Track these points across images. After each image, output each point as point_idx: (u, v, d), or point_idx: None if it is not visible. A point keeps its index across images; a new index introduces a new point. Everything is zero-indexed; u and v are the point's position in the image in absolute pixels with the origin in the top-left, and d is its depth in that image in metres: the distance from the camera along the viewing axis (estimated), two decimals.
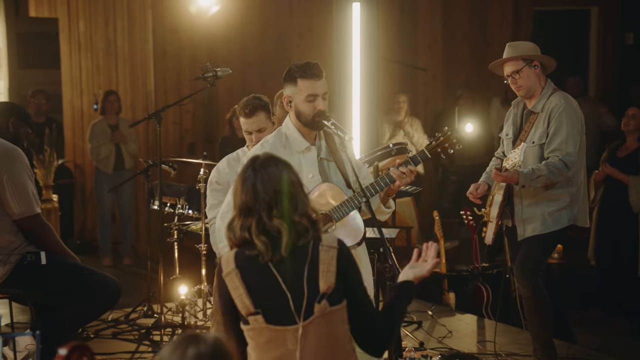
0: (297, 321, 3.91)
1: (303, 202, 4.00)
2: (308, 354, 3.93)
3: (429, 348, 7.28)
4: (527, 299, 6.56)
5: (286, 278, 3.93)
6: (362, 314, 4.00)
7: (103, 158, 10.46)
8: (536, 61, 6.49)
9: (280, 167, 4.03)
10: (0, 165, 5.91)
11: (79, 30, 11.77)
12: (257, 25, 11.01)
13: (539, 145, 6.36)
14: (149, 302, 8.09)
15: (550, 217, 6.42)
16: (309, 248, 3.93)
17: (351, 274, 3.97)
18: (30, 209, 5.98)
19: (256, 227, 3.91)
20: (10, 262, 5.96)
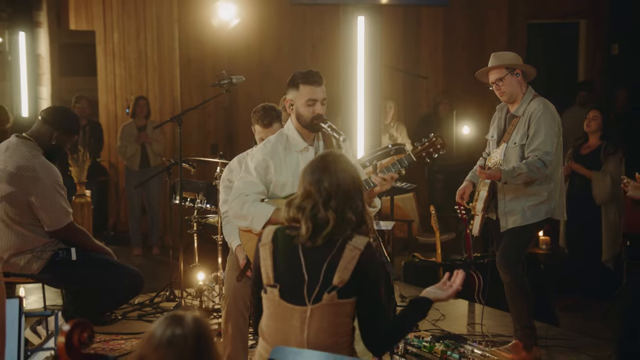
0: (306, 303, 3.97)
1: (359, 205, 4.02)
2: (311, 334, 3.96)
3: (422, 330, 7.30)
4: (508, 284, 6.59)
5: (308, 263, 3.98)
6: (371, 315, 3.99)
7: (130, 156, 10.50)
8: (518, 69, 6.53)
9: (349, 167, 4.09)
10: (29, 186, 5.95)
11: (114, 42, 11.83)
12: (274, 37, 11.03)
13: (520, 146, 6.39)
14: (171, 287, 8.16)
15: (530, 211, 6.45)
16: (337, 243, 3.96)
17: (370, 277, 3.96)
18: (60, 223, 6.05)
19: (310, 212, 3.96)
20: (44, 257, 6.05)
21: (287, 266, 3.99)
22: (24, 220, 6.00)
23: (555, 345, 7.01)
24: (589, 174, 8.67)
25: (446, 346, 6.46)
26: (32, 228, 6.02)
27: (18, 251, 6.01)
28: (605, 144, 8.69)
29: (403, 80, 12.00)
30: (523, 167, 6.29)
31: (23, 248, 6.00)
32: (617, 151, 8.69)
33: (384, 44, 11.30)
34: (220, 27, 10.59)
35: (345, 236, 3.95)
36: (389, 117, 11.08)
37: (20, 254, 6.01)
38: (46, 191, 5.99)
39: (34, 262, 6.01)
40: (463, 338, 6.90)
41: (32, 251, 6.02)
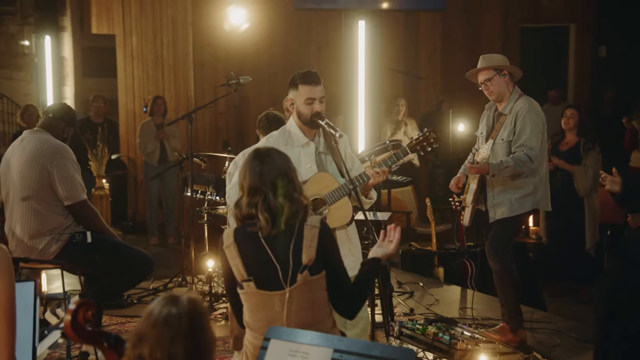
0: (284, 287, 4.01)
1: (299, 186, 4.09)
2: (292, 315, 4.02)
3: (417, 313, 7.35)
4: (496, 271, 6.61)
5: (275, 252, 4.01)
6: (337, 282, 4.07)
7: (149, 152, 10.52)
8: (505, 70, 6.54)
9: (283, 156, 4.12)
10: (50, 160, 6.00)
11: (132, 45, 11.84)
12: (282, 40, 11.07)
13: (507, 142, 6.41)
14: (183, 274, 8.22)
15: (517, 202, 6.47)
16: (296, 227, 4.01)
17: (330, 249, 4.04)
18: (76, 196, 6.08)
19: (262, 204, 3.97)
20: (62, 240, 6.07)
21: (256, 259, 4.01)
22: (45, 198, 6.03)
23: (540, 327, 7.05)
24: (571, 169, 8.71)
25: (438, 328, 6.44)
26: (52, 207, 6.05)
27: (38, 233, 6.03)
28: (584, 141, 8.72)
29: (403, 81, 12.03)
30: (510, 161, 6.32)
31: (43, 230, 6.03)
32: (595, 146, 8.73)
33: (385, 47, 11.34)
34: (231, 31, 10.65)
35: (301, 219, 4.01)
36: (401, 114, 11.12)
37: (40, 236, 6.03)
38: (64, 166, 6.04)
39: (53, 244, 6.04)
40: (454, 321, 6.92)
41: (51, 233, 6.04)
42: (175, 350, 2.59)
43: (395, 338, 6.58)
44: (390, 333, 6.71)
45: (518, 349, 6.42)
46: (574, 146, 8.76)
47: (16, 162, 6.09)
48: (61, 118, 6.24)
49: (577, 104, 9.60)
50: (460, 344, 6.19)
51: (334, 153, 5.27)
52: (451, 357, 6.17)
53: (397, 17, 11.73)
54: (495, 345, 6.35)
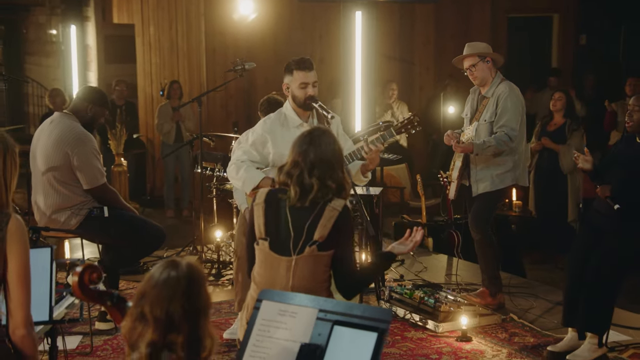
0: (292, 254, 4.09)
1: (338, 174, 4.10)
2: (294, 280, 4.08)
3: (407, 279, 7.41)
4: (477, 241, 6.69)
5: (294, 221, 4.08)
6: (343, 265, 4.10)
7: (166, 132, 10.54)
8: (488, 57, 6.59)
9: (332, 141, 4.15)
10: (72, 147, 6.00)
11: (150, 34, 11.89)
12: (286, 29, 11.06)
13: (490, 123, 6.48)
14: (194, 243, 8.29)
15: (497, 178, 6.54)
16: (319, 205, 4.08)
17: (343, 233, 4.06)
18: (95, 182, 6.10)
19: (297, 178, 4.04)
20: (81, 214, 6.10)
21: (276, 223, 4.10)
22: (66, 180, 6.05)
23: (518, 292, 7.14)
24: (556, 148, 8.73)
25: (424, 293, 6.52)
26: (72, 188, 6.07)
27: (59, 208, 6.07)
28: (569, 122, 8.75)
29: (399, 67, 12.04)
30: (492, 141, 6.39)
31: (63, 205, 6.07)
32: (580, 127, 8.75)
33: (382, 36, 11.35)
34: (240, 20, 10.68)
35: (327, 199, 4.07)
36: (392, 97, 11.14)
37: (61, 210, 6.07)
38: (85, 154, 6.05)
39: (73, 218, 6.08)
40: (439, 286, 7.01)
41: (71, 208, 6.08)
42: (172, 308, 2.63)
43: (385, 301, 6.66)
44: (381, 297, 6.79)
45: (496, 311, 6.54)
46: (560, 127, 8.74)
47: (43, 144, 6.13)
48: (85, 99, 6.25)
49: (565, 88, 9.60)
50: (443, 306, 6.29)
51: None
52: (435, 318, 6.27)
53: (394, 8, 11.72)
54: (476, 308, 6.46)
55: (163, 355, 2.61)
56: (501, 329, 6.27)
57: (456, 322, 6.17)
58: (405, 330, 6.28)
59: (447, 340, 6.06)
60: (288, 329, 3.48)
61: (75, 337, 6.10)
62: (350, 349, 3.41)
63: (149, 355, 2.61)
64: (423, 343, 6.03)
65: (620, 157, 5.70)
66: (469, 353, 5.82)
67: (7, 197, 3.14)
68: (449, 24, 12.24)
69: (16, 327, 3.09)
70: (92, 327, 6.04)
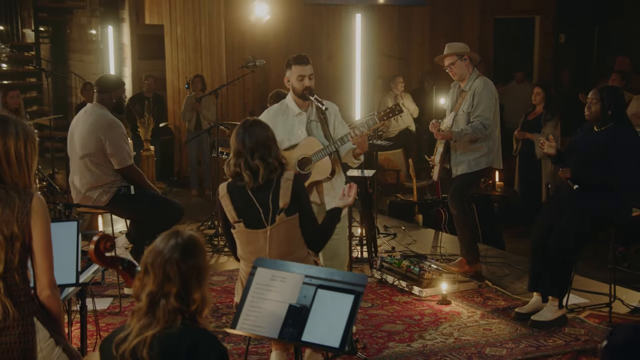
0: (265, 226, 4.21)
1: (275, 151, 4.23)
2: (273, 247, 4.21)
3: (397, 251, 7.50)
4: (455, 216, 6.77)
5: (259, 199, 4.19)
6: (307, 223, 4.26)
7: (188, 121, 10.61)
8: (465, 55, 6.66)
9: (263, 127, 4.27)
10: (104, 133, 6.09)
11: (177, 33, 11.93)
12: (298, 29, 11.07)
13: (467, 113, 6.54)
14: (212, 219, 8.37)
15: (474, 162, 6.61)
16: (274, 180, 4.21)
17: (301, 196, 4.23)
18: (124, 162, 6.18)
19: (244, 164, 4.16)
20: (111, 192, 6.20)
21: (244, 205, 4.21)
22: (99, 162, 6.14)
23: (494, 261, 7.20)
24: (531, 137, 8.81)
25: (410, 262, 6.61)
26: (104, 169, 6.16)
27: (92, 187, 6.17)
28: (545, 112, 8.81)
29: (398, 64, 12.06)
30: (469, 129, 6.47)
31: (96, 184, 6.17)
32: (554, 118, 8.80)
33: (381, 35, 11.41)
34: (256, 21, 10.72)
35: (278, 174, 4.20)
36: (399, 88, 11.14)
37: (94, 189, 6.17)
38: (115, 139, 6.13)
39: (104, 195, 6.18)
40: (425, 257, 7.10)
41: (102, 187, 6.17)
42: (169, 267, 2.73)
43: (376, 270, 6.75)
44: (373, 266, 6.90)
45: (473, 278, 6.61)
46: (538, 116, 8.86)
47: (79, 130, 6.23)
48: (104, 90, 6.26)
49: (544, 83, 9.63)
50: (427, 274, 6.38)
51: (322, 121, 5.33)
52: (420, 284, 6.35)
53: (393, 11, 11.73)
54: (455, 275, 6.55)
55: (160, 304, 2.74)
56: (477, 293, 6.35)
57: (437, 287, 6.25)
58: (394, 295, 6.36)
59: (429, 303, 6.14)
60: (278, 292, 3.58)
61: (107, 299, 6.24)
62: (331, 309, 3.51)
63: (148, 304, 2.75)
64: (408, 306, 6.11)
65: (579, 143, 5.76)
66: (447, 314, 5.91)
67: (30, 178, 3.19)
68: (442, 25, 12.22)
69: (42, 289, 3.17)
70: (120, 291, 6.19)
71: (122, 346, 2.77)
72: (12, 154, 3.13)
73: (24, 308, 3.15)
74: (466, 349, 5.29)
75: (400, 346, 5.34)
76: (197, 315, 2.81)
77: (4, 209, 3.08)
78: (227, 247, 7.63)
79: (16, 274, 3.14)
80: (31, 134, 3.23)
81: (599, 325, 5.61)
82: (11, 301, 3.11)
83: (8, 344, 3.11)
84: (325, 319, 3.47)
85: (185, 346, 2.71)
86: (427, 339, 5.46)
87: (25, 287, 3.18)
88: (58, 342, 3.25)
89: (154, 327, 2.75)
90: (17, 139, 3.15)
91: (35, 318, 3.18)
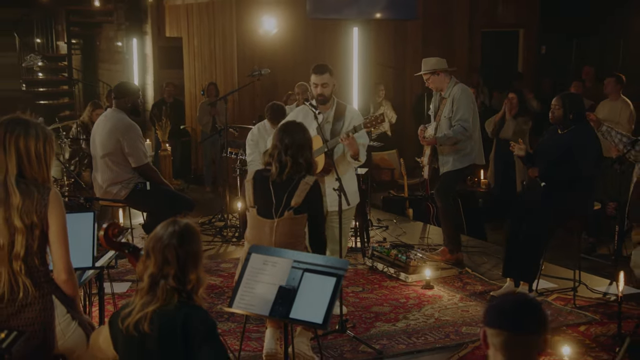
0: (274, 217, 4.32)
1: (307, 154, 4.34)
2: (277, 238, 4.30)
3: (388, 241, 7.53)
4: (440, 208, 6.84)
5: (275, 192, 4.30)
6: (316, 226, 4.35)
7: (204, 124, 10.67)
8: (437, 71, 6.69)
9: (302, 132, 4.40)
10: (122, 135, 6.19)
11: (194, 45, 12.00)
12: (302, 40, 11.08)
13: (448, 118, 6.60)
14: (222, 212, 8.43)
15: (458, 160, 6.66)
16: (296, 179, 4.31)
17: (314, 202, 4.31)
18: (140, 161, 6.26)
19: (276, 157, 4.30)
20: (129, 187, 6.29)
21: (262, 194, 4.32)
22: (118, 161, 6.23)
23: (475, 251, 7.28)
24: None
25: (398, 251, 6.66)
26: (122, 167, 6.25)
27: (112, 182, 6.27)
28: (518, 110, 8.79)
29: (394, 73, 12.11)
30: (450, 133, 6.54)
31: (116, 180, 6.26)
32: (525, 115, 8.76)
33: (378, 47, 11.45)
34: (264, 34, 10.78)
35: (301, 175, 4.29)
36: (381, 96, 11.21)
37: (114, 184, 6.27)
38: (132, 140, 6.22)
39: (123, 190, 6.27)
40: (412, 246, 7.15)
41: (121, 183, 6.27)
42: (168, 251, 2.85)
43: (368, 258, 6.82)
44: (365, 255, 6.99)
45: (454, 266, 6.68)
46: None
47: (100, 133, 6.33)
48: (120, 97, 6.35)
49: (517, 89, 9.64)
50: (413, 262, 6.43)
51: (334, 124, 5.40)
52: (406, 271, 6.42)
53: (389, 25, 11.76)
54: (438, 263, 6.62)
55: (160, 284, 2.85)
56: (457, 279, 6.43)
57: (422, 274, 6.32)
58: (383, 280, 6.44)
59: (414, 288, 6.22)
60: (270, 275, 3.70)
61: (126, 284, 6.33)
62: (315, 290, 3.62)
63: (149, 284, 2.86)
64: (395, 290, 6.20)
65: (545, 145, 5.85)
66: (430, 298, 5.99)
67: (48, 174, 3.29)
68: (434, 37, 12.21)
69: (58, 273, 3.27)
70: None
71: (127, 320, 2.88)
72: (32, 153, 3.23)
73: (43, 287, 3.25)
74: (445, 327, 5.38)
75: (386, 325, 5.42)
76: (193, 293, 2.91)
77: (25, 200, 3.18)
78: (234, 238, 7.76)
79: (36, 258, 3.24)
80: (50, 136, 3.32)
81: (564, 307, 5.68)
82: (31, 281, 3.22)
83: (30, 319, 3.23)
84: (310, 299, 3.59)
85: (181, 320, 2.82)
86: (411, 319, 5.55)
87: (45, 269, 3.29)
88: (74, 318, 3.37)
89: (154, 303, 2.86)
90: (37, 139, 3.25)
91: (54, 296, 3.29)
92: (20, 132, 3.22)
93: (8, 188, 3.17)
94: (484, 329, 2.32)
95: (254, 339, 5.07)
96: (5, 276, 3.18)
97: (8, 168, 3.19)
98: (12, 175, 3.19)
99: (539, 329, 2.28)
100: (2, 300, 3.19)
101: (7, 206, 3.16)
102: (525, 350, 2.26)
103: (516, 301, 2.33)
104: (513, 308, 2.29)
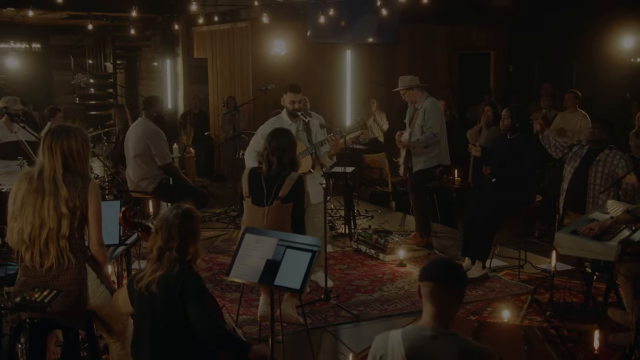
0: (265, 205, 4.52)
1: (291, 155, 4.51)
2: (268, 221, 4.48)
3: (372, 228, 7.65)
4: (413, 200, 6.93)
5: (267, 185, 4.48)
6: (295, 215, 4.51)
7: (226, 131, 10.71)
8: (411, 87, 6.80)
9: (288, 138, 4.56)
10: (150, 139, 6.39)
11: (217, 65, 12.15)
12: (307, 61, 11.13)
13: (420, 126, 6.71)
14: (235, 204, 8.56)
15: (428, 161, 6.75)
16: (283, 175, 4.50)
17: (296, 194, 4.48)
18: (165, 160, 6.45)
19: (265, 157, 4.50)
20: (155, 182, 6.49)
21: (256, 187, 4.51)
22: (146, 160, 6.42)
23: (444, 236, 7.40)
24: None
25: (379, 235, 6.82)
26: (150, 165, 6.44)
27: (142, 178, 6.46)
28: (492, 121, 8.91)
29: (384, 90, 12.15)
30: (422, 138, 6.67)
31: (145, 176, 6.46)
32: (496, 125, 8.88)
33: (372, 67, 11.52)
34: (274, 55, 10.92)
35: (287, 172, 4.50)
36: (374, 107, 11.33)
37: (143, 179, 6.46)
38: (158, 143, 6.41)
39: (150, 184, 6.47)
40: (390, 232, 7.25)
41: (149, 178, 6.45)
42: (172, 229, 3.05)
43: (354, 242, 6.97)
44: (352, 239, 7.16)
45: (425, 248, 6.80)
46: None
47: (131, 137, 6.54)
48: (148, 108, 6.57)
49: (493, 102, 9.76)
50: (390, 244, 6.59)
51: (306, 131, 5.56)
52: (384, 252, 6.56)
53: (380, 49, 11.86)
54: (411, 246, 6.79)
55: (165, 254, 3.08)
56: (427, 259, 6.54)
57: (397, 254, 6.48)
58: (365, 260, 6.61)
59: (390, 266, 6.39)
60: (260, 250, 3.89)
61: None
62: (295, 263, 3.83)
63: (157, 254, 3.09)
64: (375, 268, 6.37)
65: (496, 148, 6.04)
66: (402, 274, 6.16)
67: (87, 169, 3.52)
68: (419, 59, 12.34)
69: (93, 244, 3.50)
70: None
71: (140, 283, 3.11)
72: (74, 151, 3.45)
73: (79, 257, 3.48)
74: (412, 297, 5.56)
75: (364, 296, 5.62)
76: (192, 263, 3.13)
77: (70, 189, 3.41)
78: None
79: (76, 233, 3.47)
80: (86, 137, 3.55)
81: (511, 280, 5.87)
82: (72, 254, 3.47)
83: (69, 280, 3.47)
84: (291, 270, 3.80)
85: (180, 283, 3.04)
86: (385, 291, 5.74)
87: (82, 243, 3.51)
88: (102, 282, 3.60)
89: (161, 270, 3.07)
90: (76, 141, 3.48)
91: (87, 264, 3.53)
92: (63, 137, 3.44)
93: (57, 182, 3.40)
94: (419, 284, 2.55)
95: (254, 305, 5.27)
96: (54, 252, 3.42)
97: (56, 167, 3.41)
98: (60, 172, 3.41)
99: (457, 283, 2.51)
100: (51, 269, 3.43)
101: (56, 197, 3.38)
102: (446, 299, 2.48)
103: (441, 261, 2.59)
104: (437, 266, 2.53)
